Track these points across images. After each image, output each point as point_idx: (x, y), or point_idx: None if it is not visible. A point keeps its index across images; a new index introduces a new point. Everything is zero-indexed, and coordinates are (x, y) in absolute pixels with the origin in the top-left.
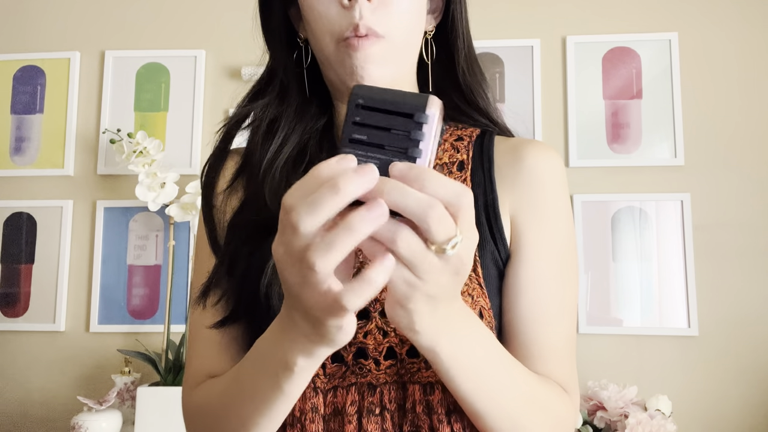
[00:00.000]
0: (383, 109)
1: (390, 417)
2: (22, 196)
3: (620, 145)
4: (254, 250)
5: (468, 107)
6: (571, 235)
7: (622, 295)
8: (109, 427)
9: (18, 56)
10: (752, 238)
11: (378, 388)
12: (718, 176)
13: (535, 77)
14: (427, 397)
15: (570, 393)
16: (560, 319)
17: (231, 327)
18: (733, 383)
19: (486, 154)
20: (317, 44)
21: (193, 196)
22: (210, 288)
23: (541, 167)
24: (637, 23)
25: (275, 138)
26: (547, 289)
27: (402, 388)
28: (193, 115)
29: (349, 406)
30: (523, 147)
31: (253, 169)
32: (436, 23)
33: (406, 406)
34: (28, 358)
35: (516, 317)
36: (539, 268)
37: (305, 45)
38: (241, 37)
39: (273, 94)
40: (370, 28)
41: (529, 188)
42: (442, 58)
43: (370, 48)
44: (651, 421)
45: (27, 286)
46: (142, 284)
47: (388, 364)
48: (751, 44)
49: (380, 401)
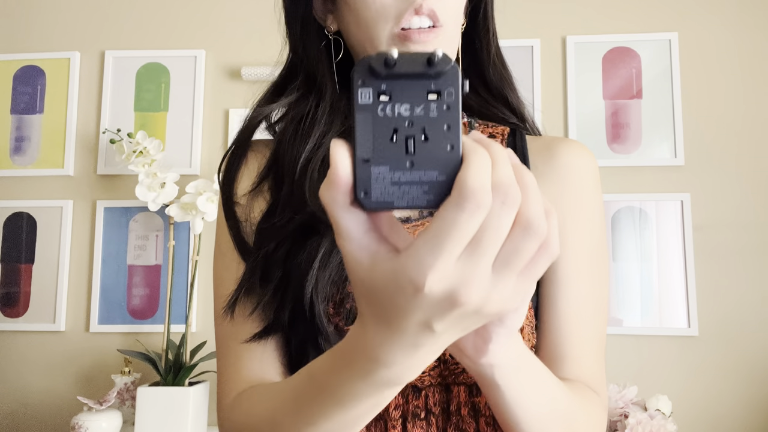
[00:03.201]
0: (419, 74)
1: (435, 421)
2: (22, 196)
3: (620, 145)
4: (292, 255)
5: (495, 102)
6: (603, 234)
7: (622, 295)
8: (109, 427)
9: (18, 56)
10: (752, 238)
11: (423, 390)
12: (718, 176)
13: (535, 77)
14: (472, 398)
15: (600, 394)
16: (594, 318)
17: (271, 337)
18: (733, 383)
19: (520, 153)
20: (363, 34)
21: (193, 196)
22: (239, 297)
23: (576, 165)
24: (637, 23)
25: (311, 136)
26: (583, 290)
27: (446, 390)
28: (193, 115)
29: (393, 410)
30: (558, 145)
31: (285, 169)
32: (466, 20)
33: (451, 409)
34: (28, 358)
35: (551, 316)
36: (575, 267)
37: (335, 38)
38: (241, 37)
39: (300, 91)
40: (433, 11)
41: (564, 186)
42: (469, 52)
43: (432, 41)
44: (651, 421)
45: (27, 286)
46: (142, 284)
47: (433, 365)
48: (751, 44)
49: (425, 404)
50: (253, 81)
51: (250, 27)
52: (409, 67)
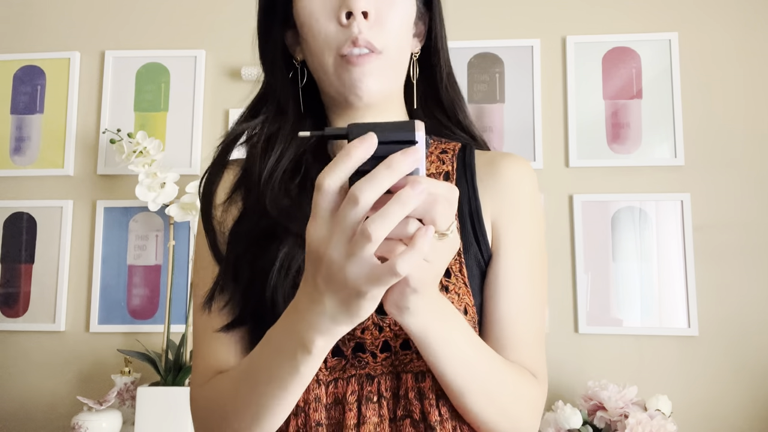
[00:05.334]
0: (380, 141)
1: (386, 404)
2: (22, 196)
3: (620, 145)
4: (257, 257)
5: (449, 122)
6: (541, 237)
7: (622, 295)
8: (109, 427)
9: (18, 56)
10: (752, 238)
11: (375, 378)
12: (718, 176)
13: (535, 77)
14: (418, 384)
15: (539, 378)
16: (531, 313)
17: (237, 329)
18: (733, 383)
19: (468, 166)
20: (316, 61)
21: (193, 196)
22: (215, 294)
23: (516, 177)
24: (637, 23)
25: (273, 152)
26: (521, 287)
27: (396, 377)
28: (193, 115)
29: (350, 396)
30: (500, 160)
31: (253, 180)
32: (421, 45)
33: (400, 393)
34: (28, 358)
35: (494, 311)
36: (514, 267)
37: (301, 66)
38: (241, 37)
39: (270, 113)
40: (369, 42)
41: (505, 196)
42: (424, 78)
43: (368, 64)
44: (651, 421)
45: (27, 286)
46: (142, 284)
47: (384, 356)
48: (751, 44)
49: (377, 390)
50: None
51: (250, 27)
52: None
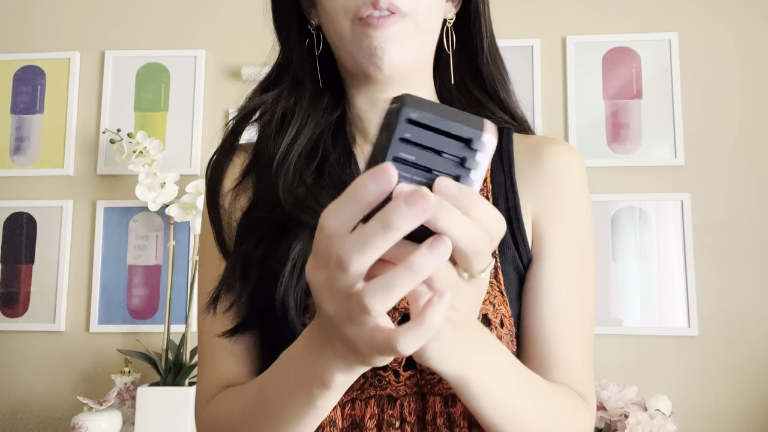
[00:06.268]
0: (437, 128)
1: (410, 430)
2: (22, 196)
3: (620, 145)
4: (268, 253)
5: (488, 100)
6: (591, 238)
7: (622, 295)
8: (109, 427)
9: (18, 56)
10: (752, 238)
11: (398, 400)
12: (718, 176)
13: (535, 77)
14: (448, 409)
15: (587, 400)
16: (580, 325)
17: (244, 335)
18: (733, 383)
19: (506, 154)
20: (331, 25)
21: (193, 196)
22: (221, 293)
23: (562, 168)
24: (637, 23)
25: (288, 131)
26: (568, 295)
27: (422, 399)
28: (193, 115)
29: (368, 419)
30: (544, 147)
31: (265, 164)
32: (456, 11)
33: (426, 419)
34: (28, 358)
35: (535, 323)
36: (559, 272)
37: (317, 32)
38: (241, 37)
39: (285, 86)
40: (392, 3)
41: (550, 190)
42: (461, 49)
43: (392, 26)
44: (651, 421)
45: (27, 286)
46: (142, 284)
47: (408, 375)
48: (751, 44)
49: (400, 414)
50: (253, 81)
51: (250, 27)
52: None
